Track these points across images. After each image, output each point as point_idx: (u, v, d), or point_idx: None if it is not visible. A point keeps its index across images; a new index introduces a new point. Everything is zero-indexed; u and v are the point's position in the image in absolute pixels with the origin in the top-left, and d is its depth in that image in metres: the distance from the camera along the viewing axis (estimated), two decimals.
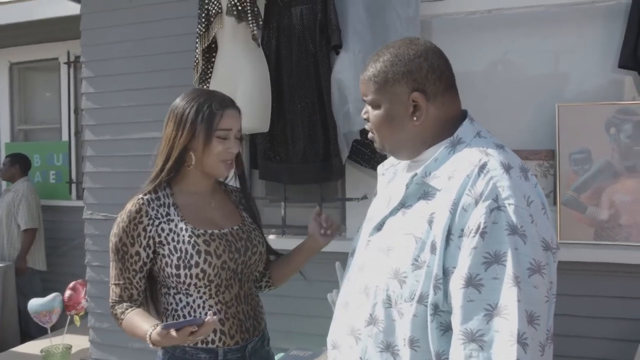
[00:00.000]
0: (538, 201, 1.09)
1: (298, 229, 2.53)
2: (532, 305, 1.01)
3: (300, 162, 2.26)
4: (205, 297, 1.49)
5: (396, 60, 1.20)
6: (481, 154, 1.12)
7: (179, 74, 2.61)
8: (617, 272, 2.03)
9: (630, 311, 2.02)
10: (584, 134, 2.12)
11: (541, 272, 1.03)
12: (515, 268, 1.01)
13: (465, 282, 1.04)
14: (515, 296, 1.00)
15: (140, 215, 1.48)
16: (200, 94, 1.54)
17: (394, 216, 1.21)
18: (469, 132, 1.19)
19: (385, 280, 1.16)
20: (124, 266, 1.49)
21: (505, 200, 1.05)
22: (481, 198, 1.06)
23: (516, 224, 1.03)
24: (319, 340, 2.26)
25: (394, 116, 1.20)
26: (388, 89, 1.20)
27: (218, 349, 1.49)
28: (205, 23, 2.20)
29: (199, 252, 1.46)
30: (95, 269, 2.88)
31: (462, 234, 1.06)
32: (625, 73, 2.12)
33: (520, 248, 1.02)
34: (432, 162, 1.17)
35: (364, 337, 1.19)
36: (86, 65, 2.91)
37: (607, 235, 2.08)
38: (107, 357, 2.87)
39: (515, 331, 0.99)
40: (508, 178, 1.07)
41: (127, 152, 2.81)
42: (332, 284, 2.07)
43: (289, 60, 2.26)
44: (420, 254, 1.11)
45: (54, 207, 4.76)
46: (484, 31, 2.33)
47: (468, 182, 1.09)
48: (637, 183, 2.07)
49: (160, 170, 1.52)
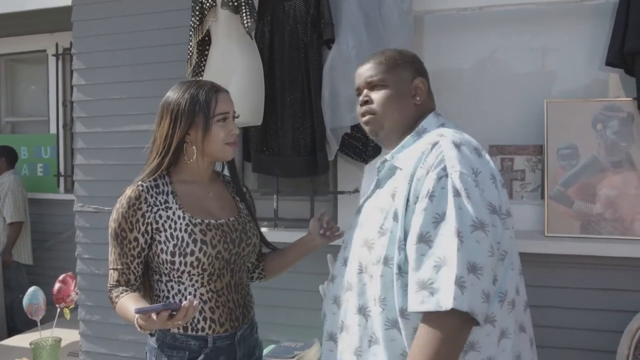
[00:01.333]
0: (487, 172, 1.23)
1: (290, 222, 2.54)
2: (474, 257, 1.15)
3: (289, 155, 2.28)
4: (197, 285, 1.51)
5: (403, 52, 1.46)
6: (436, 136, 1.29)
7: (172, 66, 2.61)
8: (603, 265, 2.07)
9: (614, 303, 2.07)
10: (572, 130, 2.16)
11: (484, 229, 1.17)
12: (458, 224, 1.15)
13: (417, 239, 1.19)
14: (455, 246, 1.14)
15: (139, 201, 1.48)
16: (189, 85, 1.55)
17: (370, 198, 1.41)
18: (433, 123, 1.38)
19: (358, 250, 1.34)
20: (122, 251, 1.50)
21: (452, 169, 1.20)
22: (431, 168, 1.22)
23: (460, 187, 1.18)
24: (310, 332, 2.29)
25: (400, 95, 1.39)
26: (398, 71, 1.40)
27: (207, 336, 1.52)
28: (199, 16, 2.21)
29: (195, 241, 1.48)
30: (86, 261, 2.88)
31: (417, 200, 1.22)
32: (612, 71, 2.16)
33: (464, 207, 1.17)
34: (399, 148, 1.36)
35: (344, 303, 1.37)
36: (77, 57, 2.90)
37: (593, 228, 2.12)
38: (97, 350, 2.87)
39: (456, 275, 1.12)
40: (457, 152, 1.22)
41: (119, 145, 2.80)
42: (324, 276, 2.09)
43: (281, 54, 2.28)
44: (384, 223, 1.28)
45: (41, 201, 4.73)
46: (475, 28, 2.36)
47: (422, 158, 1.25)
48: (623, 178, 2.11)
49: (158, 166, 1.53)
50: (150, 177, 1.52)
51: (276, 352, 2.13)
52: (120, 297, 1.48)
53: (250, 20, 2.07)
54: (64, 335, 3.18)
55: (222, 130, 1.52)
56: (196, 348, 1.51)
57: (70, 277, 3.08)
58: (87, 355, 2.90)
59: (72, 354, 3.22)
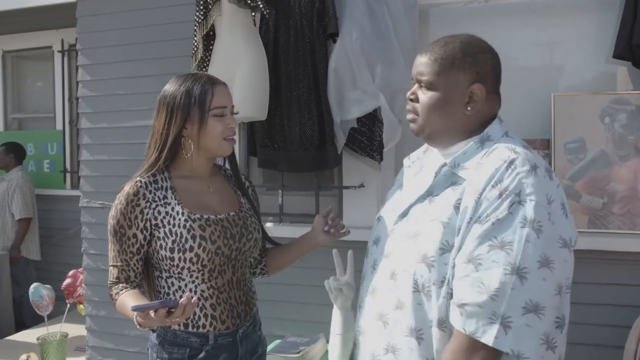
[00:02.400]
0: (559, 201, 1.13)
1: (295, 217, 2.54)
2: (537, 295, 1.07)
3: (296, 150, 2.27)
4: (197, 282, 1.49)
5: (467, 49, 1.24)
6: (510, 152, 1.17)
7: (177, 61, 2.61)
8: (611, 260, 2.06)
9: (622, 298, 2.06)
10: (579, 124, 2.14)
11: (549, 266, 1.08)
12: (522, 259, 1.06)
13: (467, 258, 1.10)
14: (511, 283, 1.06)
15: (138, 197, 1.47)
16: (186, 78, 1.52)
17: (421, 204, 1.26)
18: (498, 131, 1.24)
19: (413, 265, 1.20)
20: (121, 248, 1.49)
21: (528, 196, 1.10)
22: (505, 192, 1.11)
23: (533, 219, 1.08)
24: (315, 327, 2.29)
25: (448, 101, 1.23)
26: (452, 74, 1.22)
27: (209, 333, 1.50)
28: (203, 10, 2.20)
29: (194, 237, 1.46)
30: (92, 257, 2.88)
31: (479, 220, 1.12)
32: (620, 63, 2.14)
33: (532, 241, 1.07)
34: (461, 154, 1.23)
35: (392, 322, 1.24)
36: (82, 52, 2.90)
37: (600, 223, 2.11)
38: (103, 345, 2.88)
39: (498, 312, 1.06)
40: (534, 176, 1.12)
41: (124, 140, 2.80)
42: (329, 271, 2.08)
43: (286, 48, 2.27)
44: (447, 238, 1.16)
45: (48, 197, 4.75)
46: (481, 21, 2.34)
47: (495, 175, 1.14)
48: (631, 172, 2.09)
49: (156, 160, 1.50)
50: (149, 173, 1.50)
51: (282, 347, 2.13)
52: (120, 294, 1.47)
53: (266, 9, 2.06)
54: (72, 330, 3.21)
55: (219, 124, 1.49)
56: (197, 345, 1.49)
57: (81, 273, 3.10)
58: (94, 350, 2.91)
59: (79, 349, 3.24)
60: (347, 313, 2.01)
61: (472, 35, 1.28)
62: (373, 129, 2.22)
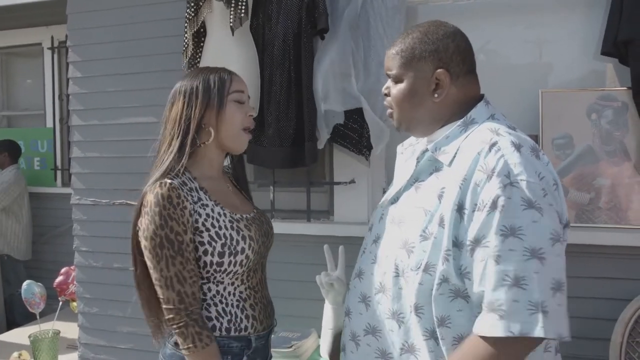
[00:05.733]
0: (550, 177, 1.13)
1: (287, 213, 2.55)
2: (558, 272, 1.07)
3: (278, 145, 2.27)
4: (237, 283, 1.41)
5: (425, 38, 1.24)
6: (492, 134, 1.16)
7: (168, 58, 2.61)
8: (597, 254, 2.09)
9: (608, 291, 2.09)
10: (566, 120, 2.17)
11: (561, 240, 1.09)
12: (535, 241, 1.06)
13: (483, 256, 1.08)
14: (533, 267, 1.04)
15: (182, 200, 1.31)
16: (201, 70, 1.49)
17: (408, 190, 1.27)
18: (483, 113, 1.23)
19: (395, 251, 1.22)
20: (184, 258, 1.31)
21: (518, 177, 1.08)
22: (494, 173, 1.10)
23: (531, 199, 1.07)
24: (307, 322, 2.30)
25: (416, 91, 1.24)
26: (414, 65, 1.24)
27: (250, 335, 1.41)
28: (194, 7, 2.21)
29: (244, 238, 1.39)
30: (84, 254, 2.88)
31: (476, 208, 1.10)
32: (607, 60, 2.17)
33: (539, 220, 1.06)
34: (443, 139, 1.22)
35: (374, 304, 1.26)
36: (73, 49, 2.89)
37: (587, 217, 2.14)
38: (96, 342, 2.88)
39: (534, 300, 1.04)
40: (519, 155, 1.11)
41: (115, 137, 2.80)
42: (320, 267, 2.10)
43: (272, 44, 2.27)
44: (428, 226, 1.17)
45: (38, 194, 4.73)
46: (469, 19, 2.36)
47: (479, 159, 1.13)
48: (617, 167, 2.13)
49: (179, 156, 1.36)
50: (171, 173, 1.35)
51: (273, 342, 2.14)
52: (213, 340, 1.32)
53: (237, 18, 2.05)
54: (64, 328, 3.20)
55: (239, 112, 1.43)
56: (237, 351, 1.39)
57: (73, 270, 3.10)
58: (86, 348, 2.91)
59: (71, 347, 3.24)
60: (339, 308, 2.03)
61: (433, 22, 1.28)
62: (364, 126, 2.23)
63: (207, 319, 1.37)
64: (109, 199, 2.75)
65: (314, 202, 2.52)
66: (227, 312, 1.40)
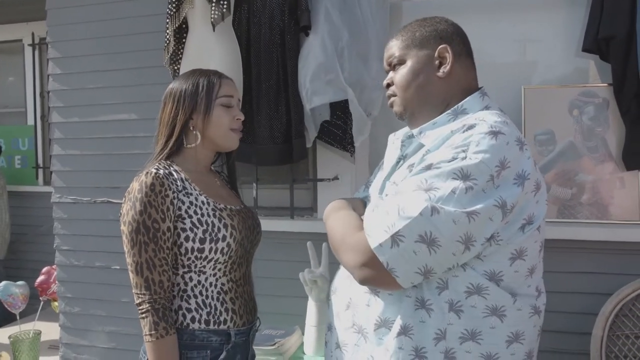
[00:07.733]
0: (517, 169, 1.07)
1: (270, 210, 2.54)
2: (439, 232, 1.04)
3: (265, 143, 2.26)
4: (219, 275, 1.43)
5: (424, 23, 1.27)
6: (475, 120, 1.13)
7: (148, 55, 2.58)
8: (578, 249, 2.11)
9: (589, 286, 2.11)
10: (548, 116, 2.19)
11: (471, 216, 1.03)
12: (442, 203, 1.03)
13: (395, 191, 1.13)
14: (421, 211, 1.04)
15: (165, 187, 1.36)
16: (192, 72, 1.52)
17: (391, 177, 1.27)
18: (476, 104, 1.20)
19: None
20: (157, 246, 1.34)
21: (474, 154, 1.05)
22: (452, 146, 1.08)
23: (468, 174, 1.04)
24: (290, 319, 2.30)
25: (421, 69, 1.23)
26: (416, 43, 1.25)
27: (230, 329, 1.43)
28: (175, 3, 2.18)
29: (226, 226, 1.42)
30: (65, 253, 2.84)
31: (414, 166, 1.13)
32: (589, 57, 2.19)
33: (458, 194, 1.04)
34: (429, 124, 1.21)
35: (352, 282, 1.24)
36: (52, 45, 2.85)
37: (569, 213, 2.15)
38: (77, 342, 2.85)
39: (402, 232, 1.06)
40: (490, 139, 1.06)
41: (96, 135, 2.77)
42: (304, 264, 2.10)
43: (258, 41, 2.26)
44: None
45: (19, 193, 4.65)
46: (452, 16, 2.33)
47: (450, 137, 1.11)
48: (598, 163, 2.14)
49: (161, 151, 1.47)
50: (157, 164, 1.42)
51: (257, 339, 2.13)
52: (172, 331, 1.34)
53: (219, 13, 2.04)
54: (46, 328, 3.15)
55: (226, 114, 1.48)
56: (217, 345, 1.41)
57: (54, 269, 3.05)
58: (68, 348, 2.88)
59: (52, 347, 3.19)
60: (322, 305, 2.03)
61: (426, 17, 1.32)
62: (347, 122, 2.23)
63: (186, 310, 1.40)
64: (90, 197, 2.72)
65: (298, 199, 2.52)
66: (206, 304, 1.42)
